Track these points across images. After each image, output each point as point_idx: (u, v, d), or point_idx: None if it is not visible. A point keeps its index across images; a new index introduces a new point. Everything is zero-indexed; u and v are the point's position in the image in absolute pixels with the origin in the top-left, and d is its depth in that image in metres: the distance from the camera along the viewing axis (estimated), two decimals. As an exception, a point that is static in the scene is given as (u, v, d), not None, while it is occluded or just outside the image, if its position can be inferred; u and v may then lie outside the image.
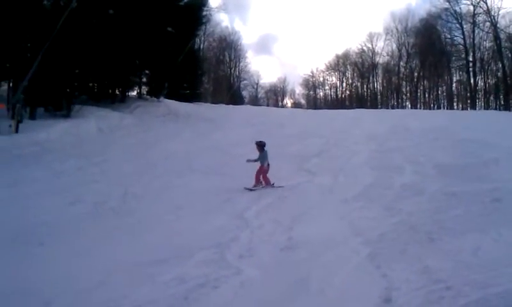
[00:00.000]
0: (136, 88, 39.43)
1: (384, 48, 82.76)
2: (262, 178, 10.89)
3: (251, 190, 10.56)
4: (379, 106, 74.42)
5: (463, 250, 5.61)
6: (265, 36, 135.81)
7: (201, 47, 57.81)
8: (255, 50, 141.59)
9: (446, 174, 11.46)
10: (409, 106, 73.56)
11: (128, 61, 29.52)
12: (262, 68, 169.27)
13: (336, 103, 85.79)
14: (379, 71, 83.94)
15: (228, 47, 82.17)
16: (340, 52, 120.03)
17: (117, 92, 33.79)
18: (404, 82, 78.93)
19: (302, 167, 13.20)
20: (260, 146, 11.27)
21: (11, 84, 27.28)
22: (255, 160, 11.04)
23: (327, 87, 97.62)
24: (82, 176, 12.74)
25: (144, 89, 39.13)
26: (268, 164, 10.99)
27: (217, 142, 19.70)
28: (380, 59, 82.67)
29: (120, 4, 27.47)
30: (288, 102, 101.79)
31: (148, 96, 37.20)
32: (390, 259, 5.34)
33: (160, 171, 13.55)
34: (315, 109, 69.11)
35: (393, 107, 71.20)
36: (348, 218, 7.42)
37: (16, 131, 20.36)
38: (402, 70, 78.15)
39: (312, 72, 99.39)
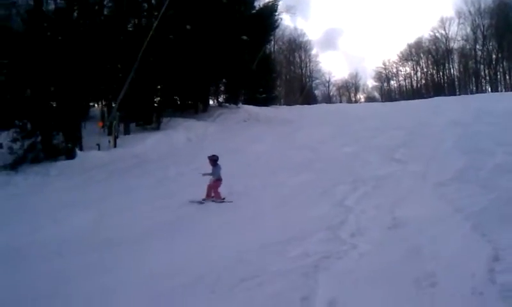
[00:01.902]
0: (215, 97, 41.09)
1: (458, 33, 79.85)
2: (214, 192, 10.90)
3: (200, 203, 10.68)
4: (458, 92, 71.91)
5: None
6: (329, 30, 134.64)
7: (273, 50, 58.85)
8: (320, 46, 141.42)
9: (539, 153, 11.48)
10: (490, 90, 70.49)
11: (207, 71, 30.85)
12: (331, 64, 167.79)
13: (412, 93, 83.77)
14: (455, 57, 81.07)
15: (298, 48, 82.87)
16: (411, 40, 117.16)
17: (199, 102, 35.34)
18: (482, 66, 75.78)
19: (391, 157, 13.57)
20: (213, 160, 11.38)
21: (104, 104, 29.66)
22: (209, 174, 11.11)
23: (401, 78, 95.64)
24: (184, 181, 13.90)
25: (223, 97, 40.72)
26: (220, 179, 11.07)
27: (301, 141, 20.38)
28: (455, 44, 79.87)
29: (196, 19, 28.90)
30: (361, 96, 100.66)
31: (227, 104, 38.64)
32: (493, 228, 5.78)
33: (254, 171, 14.46)
34: (390, 101, 68.05)
35: (472, 92, 68.43)
36: (446, 198, 7.86)
37: (115, 146, 22.17)
38: (479, 53, 75.03)
39: (384, 64, 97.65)
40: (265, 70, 40.48)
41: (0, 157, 18.58)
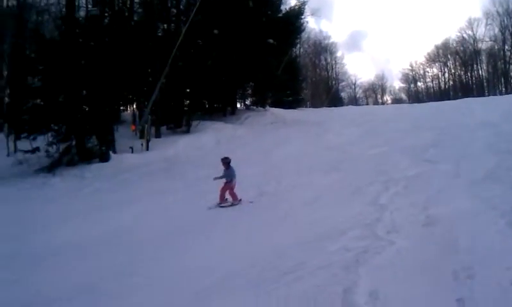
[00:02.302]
0: (243, 100, 41.56)
1: (485, 34, 78.63)
2: (229, 194, 10.96)
3: (220, 206, 10.81)
4: (486, 93, 70.90)
5: None
6: (354, 33, 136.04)
7: (298, 53, 59.00)
8: (346, 48, 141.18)
9: None
10: (519, 90, 69.25)
11: (235, 75, 31.25)
12: (357, 66, 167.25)
13: (440, 94, 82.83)
14: (483, 58, 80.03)
15: (323, 51, 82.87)
16: (439, 42, 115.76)
17: (227, 106, 35.75)
18: (511, 66, 74.55)
19: (421, 157, 13.59)
20: (226, 163, 11.35)
21: (135, 107, 30.35)
22: (221, 177, 11.19)
23: (428, 80, 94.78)
24: (215, 182, 14.19)
25: (250, 100, 41.15)
26: (232, 181, 11.05)
27: (329, 143, 20.51)
28: (482, 45, 78.78)
29: (223, 24, 29.31)
30: (388, 98, 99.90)
31: (255, 107, 39.00)
32: (528, 224, 5.89)
33: (283, 172, 14.64)
34: (417, 102, 67.47)
35: (501, 93, 67.39)
36: (479, 196, 7.93)
37: (147, 149, 22.68)
38: (508, 53, 73.88)
39: (411, 65, 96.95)
40: (291, 73, 40.81)
41: (38, 160, 19.24)
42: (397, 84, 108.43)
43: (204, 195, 12.25)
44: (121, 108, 31.42)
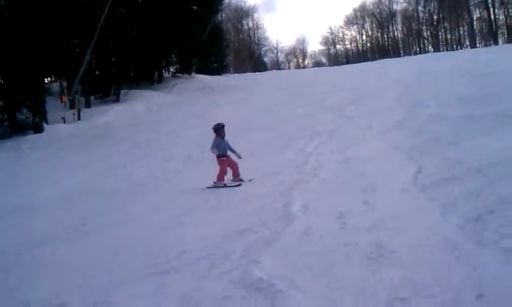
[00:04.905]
0: (169, 68, 41.91)
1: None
2: (219, 171, 8.68)
3: (238, 184, 8.42)
4: (402, 54, 74.92)
5: (473, 148, 7.72)
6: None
7: (221, 19, 59.57)
8: (265, 10, 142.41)
9: (465, 103, 13.31)
10: (432, 50, 73.91)
11: (160, 43, 31.66)
12: (278, 31, 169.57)
13: (358, 56, 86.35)
14: (398, 19, 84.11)
15: (245, 16, 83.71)
16: (356, 4, 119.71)
17: (154, 74, 36.19)
18: (424, 27, 79.19)
19: (340, 114, 15.29)
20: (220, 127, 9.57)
21: (63, 79, 30.21)
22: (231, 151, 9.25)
23: (347, 42, 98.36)
24: (158, 145, 15.25)
25: (176, 68, 41.59)
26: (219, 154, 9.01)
27: (258, 106, 21.84)
28: (398, 7, 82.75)
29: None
30: (309, 62, 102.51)
31: (181, 74, 39.57)
32: (421, 156, 7.58)
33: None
34: (337, 65, 70.23)
35: (415, 54, 71.56)
36: (387, 141, 9.68)
37: (79, 118, 23.06)
38: (421, 14, 78.31)
39: (331, 29, 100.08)
40: (215, 39, 41.56)
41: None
42: (317, 47, 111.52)
43: (153, 153, 13.40)
44: (49, 79, 31.05)
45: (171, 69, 41.84)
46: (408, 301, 3.22)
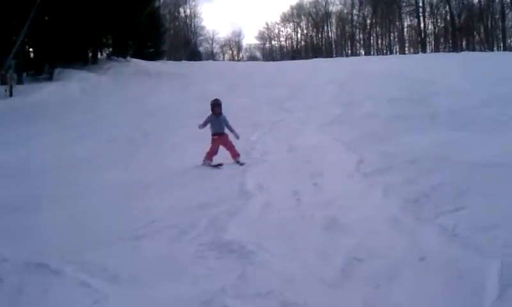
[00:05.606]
0: (103, 49, 40.94)
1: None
2: (210, 149, 8.48)
3: (240, 164, 8.12)
4: (334, 55, 77.22)
5: (406, 143, 8.47)
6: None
7: (159, 3, 58.86)
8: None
9: (396, 104, 14.31)
10: (363, 53, 76.83)
11: (96, 23, 31.01)
12: (214, 21, 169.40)
13: (292, 54, 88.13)
14: (333, 20, 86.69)
15: (182, 2, 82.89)
16: (294, 2, 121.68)
17: (89, 54, 35.33)
18: (357, 30, 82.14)
19: (280, 107, 15.87)
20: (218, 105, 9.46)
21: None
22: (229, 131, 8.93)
23: (282, 39, 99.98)
24: (97, 126, 15.11)
25: (110, 50, 40.69)
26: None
27: (197, 94, 21.87)
28: (333, 8, 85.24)
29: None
30: (243, 55, 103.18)
31: (116, 57, 38.82)
32: (360, 148, 8.24)
33: (160, 117, 16.05)
34: (271, 60, 71.26)
35: (347, 55, 74.15)
36: (327, 133, 10.36)
37: (11, 95, 22.27)
38: (356, 17, 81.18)
39: (267, 24, 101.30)
40: (152, 24, 41.17)
41: None
42: (252, 41, 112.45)
43: (93, 134, 13.34)
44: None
45: (106, 51, 40.88)
46: (363, 261, 3.78)
